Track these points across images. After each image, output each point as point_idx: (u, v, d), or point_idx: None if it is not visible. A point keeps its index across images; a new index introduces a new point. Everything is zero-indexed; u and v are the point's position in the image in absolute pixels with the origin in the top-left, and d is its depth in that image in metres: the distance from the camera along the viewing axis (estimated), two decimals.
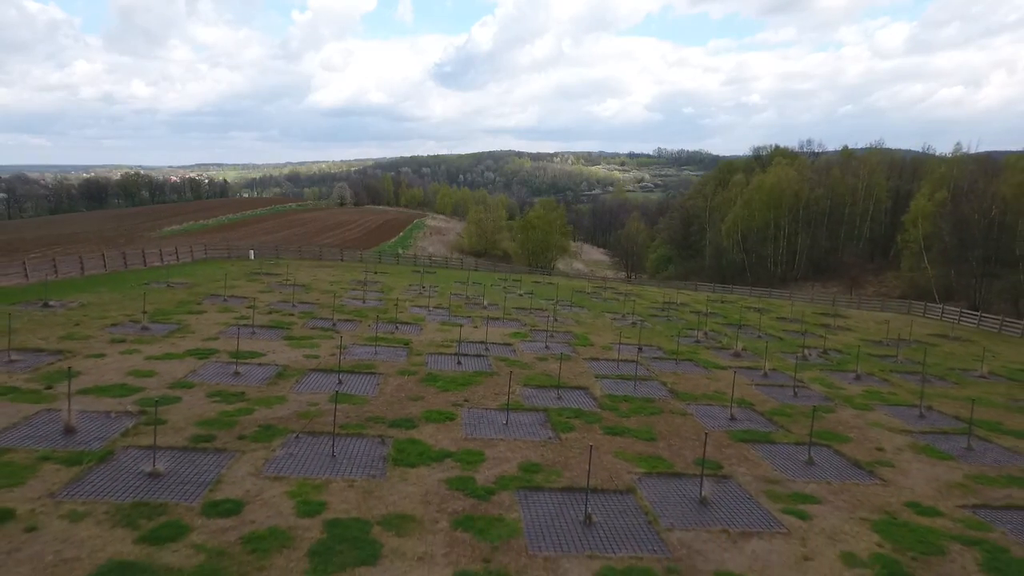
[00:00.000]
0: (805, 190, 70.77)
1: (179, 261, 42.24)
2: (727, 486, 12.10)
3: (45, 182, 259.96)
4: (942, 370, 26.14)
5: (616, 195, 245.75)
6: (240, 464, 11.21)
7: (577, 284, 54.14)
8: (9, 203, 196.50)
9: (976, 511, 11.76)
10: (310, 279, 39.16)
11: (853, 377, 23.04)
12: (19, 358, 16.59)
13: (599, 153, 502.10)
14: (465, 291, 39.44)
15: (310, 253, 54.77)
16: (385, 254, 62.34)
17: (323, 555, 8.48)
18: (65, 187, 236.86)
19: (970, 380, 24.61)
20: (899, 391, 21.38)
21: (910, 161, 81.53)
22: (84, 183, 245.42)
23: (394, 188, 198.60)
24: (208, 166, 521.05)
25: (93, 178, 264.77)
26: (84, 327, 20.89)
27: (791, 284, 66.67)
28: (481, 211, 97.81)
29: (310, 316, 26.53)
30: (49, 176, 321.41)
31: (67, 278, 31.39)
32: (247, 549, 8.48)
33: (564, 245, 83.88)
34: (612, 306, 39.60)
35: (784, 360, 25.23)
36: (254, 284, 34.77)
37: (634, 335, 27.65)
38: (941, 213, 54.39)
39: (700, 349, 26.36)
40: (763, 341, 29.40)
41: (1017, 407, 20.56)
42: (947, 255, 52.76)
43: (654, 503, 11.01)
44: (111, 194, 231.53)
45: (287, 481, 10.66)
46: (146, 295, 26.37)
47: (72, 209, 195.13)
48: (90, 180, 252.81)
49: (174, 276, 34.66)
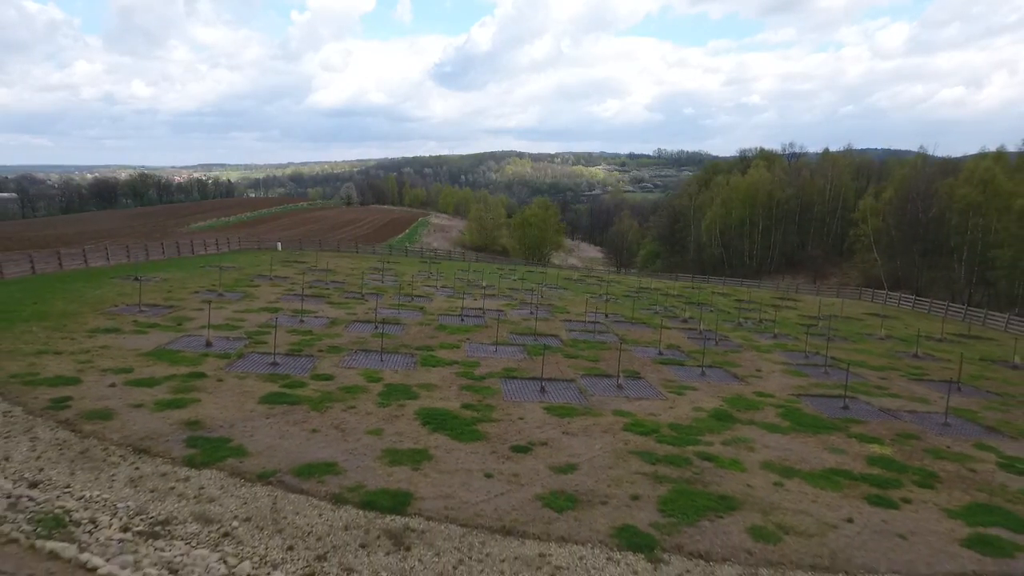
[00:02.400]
0: (778, 190, 77.33)
1: (219, 251, 48.71)
2: (638, 382, 18.46)
3: (52, 182, 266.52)
4: (850, 334, 32.50)
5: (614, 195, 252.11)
6: (323, 361, 17.61)
7: (564, 273, 60.59)
8: (23, 203, 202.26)
9: (798, 396, 18.11)
10: (334, 266, 45.62)
11: (771, 336, 29.40)
12: (147, 309, 23.03)
13: (600, 154, 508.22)
14: (467, 277, 45.87)
15: (328, 246, 61.23)
16: (395, 248, 68.79)
17: (385, 395, 14.85)
18: (75, 187, 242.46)
19: (869, 340, 30.95)
20: (801, 344, 27.70)
21: (878, 164, 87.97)
22: (94, 183, 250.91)
23: (398, 188, 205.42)
24: (211, 166, 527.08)
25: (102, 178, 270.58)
26: (175, 293, 27.34)
27: (764, 276, 73.02)
28: (482, 209, 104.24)
29: (342, 290, 32.96)
30: (55, 176, 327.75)
31: (138, 262, 37.84)
32: (343, 392, 14.86)
33: (558, 241, 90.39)
34: (593, 288, 46.00)
35: (722, 326, 31.58)
36: (289, 268, 41.23)
37: (604, 307, 34.05)
38: (888, 211, 60.70)
39: (655, 317, 32.72)
40: (712, 314, 35.78)
41: (888, 354, 26.92)
42: (893, 248, 59.14)
43: (586, 387, 17.36)
44: (120, 194, 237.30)
45: (356, 369, 17.06)
46: (208, 274, 32.81)
47: (83, 209, 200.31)
48: (99, 180, 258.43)
49: (223, 262, 41.14)
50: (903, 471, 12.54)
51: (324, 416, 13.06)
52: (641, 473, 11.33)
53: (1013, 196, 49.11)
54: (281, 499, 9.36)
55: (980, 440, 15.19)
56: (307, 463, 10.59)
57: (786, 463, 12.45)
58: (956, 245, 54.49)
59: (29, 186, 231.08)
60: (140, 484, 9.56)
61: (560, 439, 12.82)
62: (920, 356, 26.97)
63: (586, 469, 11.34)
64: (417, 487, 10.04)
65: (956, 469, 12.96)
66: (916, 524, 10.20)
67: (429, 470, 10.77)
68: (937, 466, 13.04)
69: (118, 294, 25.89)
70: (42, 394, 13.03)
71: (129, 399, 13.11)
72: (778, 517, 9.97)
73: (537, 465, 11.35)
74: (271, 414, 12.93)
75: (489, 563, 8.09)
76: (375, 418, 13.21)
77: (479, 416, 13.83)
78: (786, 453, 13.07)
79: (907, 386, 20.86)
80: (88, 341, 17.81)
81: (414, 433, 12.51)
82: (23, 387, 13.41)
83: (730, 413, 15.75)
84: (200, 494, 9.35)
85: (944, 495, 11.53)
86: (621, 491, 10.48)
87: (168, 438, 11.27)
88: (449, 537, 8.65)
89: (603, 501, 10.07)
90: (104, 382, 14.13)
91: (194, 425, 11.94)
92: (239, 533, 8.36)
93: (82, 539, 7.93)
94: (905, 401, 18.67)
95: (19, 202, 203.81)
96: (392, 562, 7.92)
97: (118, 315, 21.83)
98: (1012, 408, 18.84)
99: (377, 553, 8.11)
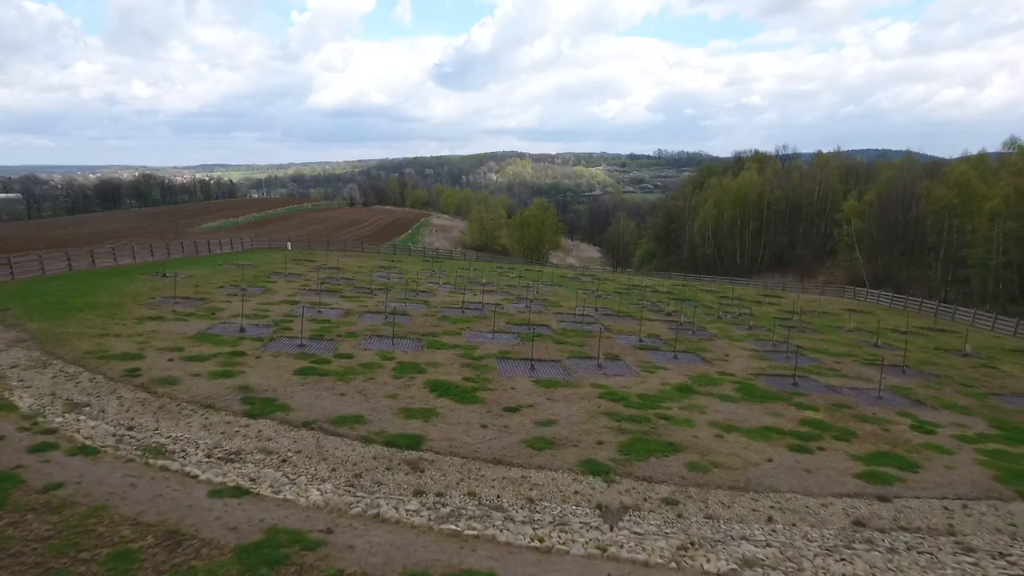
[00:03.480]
0: (768, 192, 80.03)
1: (233, 250, 51.43)
2: (617, 363, 21.12)
3: (55, 182, 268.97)
4: (821, 326, 35.14)
5: (614, 196, 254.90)
6: (343, 344, 20.30)
7: (560, 271, 63.26)
8: (28, 204, 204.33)
9: (755, 376, 20.77)
10: (342, 264, 48.31)
11: (746, 328, 32.04)
12: (181, 301, 25.74)
13: (600, 154, 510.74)
14: (468, 274, 48.55)
15: (335, 246, 63.93)
16: (398, 248, 71.48)
17: (398, 370, 17.52)
18: (80, 188, 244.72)
19: (837, 332, 33.59)
20: (772, 335, 30.35)
21: (866, 165, 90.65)
22: (98, 184, 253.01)
23: (400, 189, 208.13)
24: (212, 167, 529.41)
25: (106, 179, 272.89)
26: (203, 288, 30.05)
27: (755, 274, 75.63)
28: (482, 210, 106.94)
29: (352, 286, 35.65)
30: (57, 176, 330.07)
31: (161, 260, 40.56)
32: (362, 367, 17.54)
33: (556, 241, 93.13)
34: (586, 286, 48.67)
35: (703, 319, 34.23)
36: (301, 266, 43.94)
37: (595, 302, 36.71)
38: (871, 212, 63.39)
39: (641, 311, 35.39)
40: (696, 308, 38.43)
41: (850, 344, 29.55)
42: (875, 248, 61.82)
43: (570, 366, 20.02)
44: (123, 194, 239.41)
45: (372, 350, 19.73)
46: (228, 271, 35.50)
47: (88, 209, 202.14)
48: (104, 181, 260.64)
49: (239, 260, 43.86)
50: (827, 429, 15.20)
51: (348, 384, 15.75)
52: (607, 427, 14.00)
53: (985, 198, 51.72)
54: (322, 439, 12.06)
55: (904, 409, 17.84)
56: (339, 416, 13.28)
57: (730, 422, 15.12)
58: (933, 245, 57.14)
59: (33, 186, 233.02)
60: (212, 428, 12.27)
61: (544, 403, 15.50)
62: (879, 346, 29.61)
63: (563, 423, 14.02)
64: (427, 433, 12.73)
65: (873, 429, 15.62)
66: (823, 463, 12.87)
67: (437, 422, 13.46)
68: (857, 427, 15.69)
69: (152, 288, 28.60)
70: (116, 366, 15.74)
71: (187, 370, 15.82)
72: (712, 457, 12.65)
73: (524, 420, 14.03)
74: (305, 383, 15.63)
75: (483, 481, 10.78)
76: (391, 386, 15.90)
77: (477, 386, 16.51)
78: (731, 415, 15.74)
79: (858, 369, 23.50)
80: (139, 327, 20.51)
81: (423, 397, 15.19)
82: (98, 360, 16.13)
83: (692, 387, 18.43)
84: (260, 435, 12.06)
85: (855, 446, 14.19)
86: (589, 438, 13.16)
87: (226, 398, 13.97)
88: (452, 464, 11.34)
89: (574, 444, 12.76)
90: (163, 357, 16.85)
91: (244, 389, 14.64)
92: (294, 460, 11.07)
93: (179, 460, 10.66)
94: (851, 380, 21.31)
95: (25, 202, 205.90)
96: (410, 479, 10.61)
97: (158, 306, 24.55)
98: (944, 387, 21.50)
99: (398, 473, 10.81)
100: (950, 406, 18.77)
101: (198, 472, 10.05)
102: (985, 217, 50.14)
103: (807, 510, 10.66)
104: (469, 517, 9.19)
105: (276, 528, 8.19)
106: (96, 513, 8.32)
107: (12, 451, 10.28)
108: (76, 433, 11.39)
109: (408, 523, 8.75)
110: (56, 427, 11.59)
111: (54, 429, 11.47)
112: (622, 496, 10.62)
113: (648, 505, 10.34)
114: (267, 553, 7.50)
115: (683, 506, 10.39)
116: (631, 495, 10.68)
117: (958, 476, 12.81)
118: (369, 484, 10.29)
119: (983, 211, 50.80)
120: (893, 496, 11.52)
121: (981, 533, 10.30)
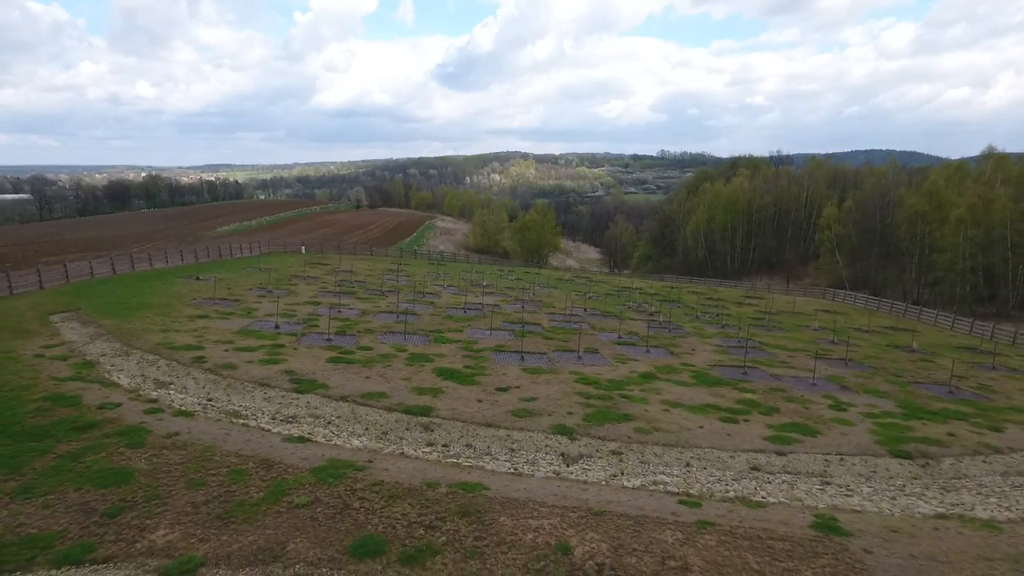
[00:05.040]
0: (757, 198, 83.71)
1: (252, 254, 55.33)
2: (595, 355, 24.82)
3: (63, 183, 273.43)
4: (790, 325, 38.76)
5: (615, 197, 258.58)
6: (363, 339, 24.07)
7: (557, 274, 66.98)
8: (40, 205, 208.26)
9: (712, 366, 24.44)
10: (353, 268, 52.14)
11: (720, 327, 35.70)
12: (219, 302, 29.56)
13: (604, 155, 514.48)
14: (470, 277, 52.32)
15: (346, 249, 67.78)
16: (404, 250, 75.29)
17: (410, 359, 21.28)
18: (90, 189, 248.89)
19: (802, 331, 37.20)
20: (740, 333, 33.98)
21: (853, 171, 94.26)
22: (108, 185, 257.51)
23: (404, 191, 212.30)
24: (217, 167, 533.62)
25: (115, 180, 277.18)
26: (235, 290, 33.88)
27: (744, 277, 79.24)
28: (485, 214, 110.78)
29: (365, 288, 39.45)
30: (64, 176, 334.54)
31: (190, 264, 44.44)
32: (381, 357, 21.30)
33: (555, 243, 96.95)
34: (580, 288, 52.37)
35: (682, 318, 37.89)
36: (316, 269, 47.78)
37: (585, 303, 40.40)
38: (850, 218, 66.99)
39: (627, 311, 39.07)
40: (679, 309, 42.09)
41: (809, 341, 33.17)
42: (854, 252, 65.44)
43: (555, 357, 23.73)
44: (132, 195, 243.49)
45: (388, 344, 23.50)
46: (252, 275, 39.32)
47: (98, 211, 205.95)
48: (113, 183, 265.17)
49: (261, 263, 47.73)
50: (757, 407, 18.87)
51: (371, 370, 19.52)
52: (578, 403, 17.71)
53: (952, 207, 55.20)
54: (356, 408, 15.82)
55: (830, 393, 21.48)
56: (367, 392, 17.04)
57: (678, 401, 18.81)
58: (907, 249, 60.69)
59: (42, 187, 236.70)
60: (271, 400, 16.05)
61: (529, 385, 19.23)
62: (836, 342, 33.21)
63: (542, 400, 17.74)
64: (435, 405, 16.48)
65: (795, 407, 19.28)
66: (743, 430, 16.56)
67: (443, 398, 17.20)
68: (783, 405, 19.36)
69: (191, 291, 32.46)
70: (184, 355, 19.55)
71: (241, 358, 19.61)
72: (655, 424, 16.35)
73: (511, 397, 17.77)
74: (336, 368, 19.40)
75: (478, 437, 14.51)
76: (405, 372, 19.66)
77: (476, 372, 20.25)
78: (681, 396, 19.43)
79: (807, 362, 27.08)
80: (191, 324, 24.34)
81: (432, 380, 18.94)
82: (169, 350, 19.94)
83: (655, 375, 22.13)
84: (308, 405, 15.83)
85: (775, 419, 17.85)
86: (561, 410, 16.88)
87: (277, 379, 17.76)
88: (455, 427, 15.08)
89: (549, 414, 16.48)
90: (220, 348, 20.65)
91: (290, 372, 18.42)
92: (336, 422, 14.82)
93: (253, 421, 14.43)
94: (796, 371, 24.95)
95: (36, 204, 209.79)
96: (423, 435, 14.35)
97: (200, 306, 28.39)
98: (876, 376, 25.12)
99: (415, 431, 14.55)
100: (872, 391, 22.39)
101: (270, 427, 13.84)
102: (952, 224, 53.67)
103: (719, 459, 14.35)
104: (467, 457, 12.93)
105: (334, 459, 11.95)
106: (209, 450, 12.10)
107: (134, 413, 14.07)
108: (171, 403, 15.18)
109: (424, 458, 12.51)
110: (155, 398, 15.40)
111: (155, 399, 15.27)
112: (580, 449, 14.34)
113: (599, 455, 14.05)
114: (331, 471, 11.26)
115: (624, 455, 14.10)
116: (587, 448, 14.40)
117: (848, 440, 16.47)
118: (393, 438, 14.04)
119: (950, 219, 54.30)
120: (788, 452, 15.20)
121: (844, 476, 13.98)
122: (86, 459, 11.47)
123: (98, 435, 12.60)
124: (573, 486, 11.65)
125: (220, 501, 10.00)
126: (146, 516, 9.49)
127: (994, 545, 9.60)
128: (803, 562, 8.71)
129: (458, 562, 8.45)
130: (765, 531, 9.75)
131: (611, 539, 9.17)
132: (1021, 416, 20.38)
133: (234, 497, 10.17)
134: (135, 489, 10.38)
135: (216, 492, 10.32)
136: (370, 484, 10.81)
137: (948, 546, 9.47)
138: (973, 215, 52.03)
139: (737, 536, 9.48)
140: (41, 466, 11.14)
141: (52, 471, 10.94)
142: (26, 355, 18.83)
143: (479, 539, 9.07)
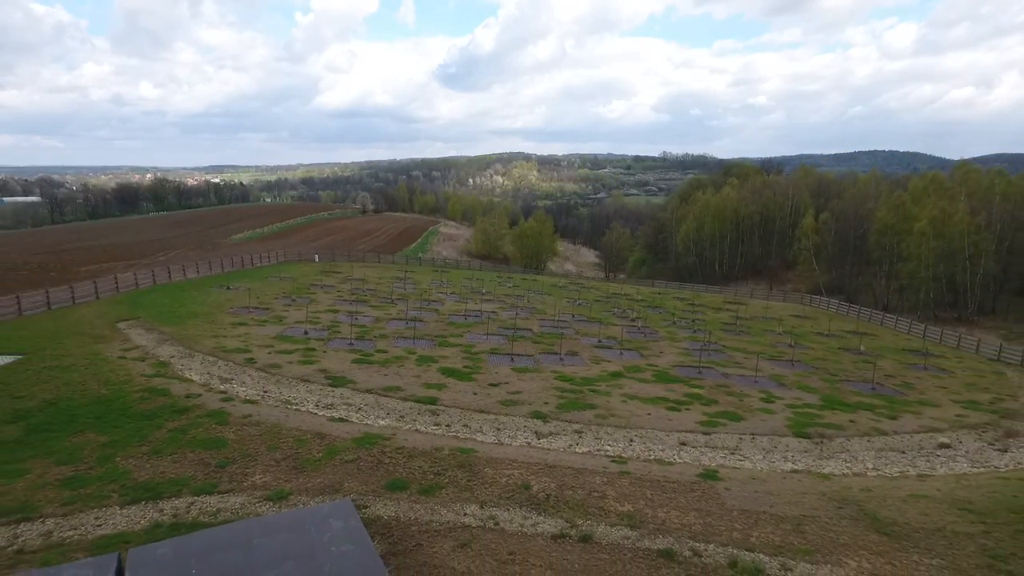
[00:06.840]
0: (743, 207, 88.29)
1: (270, 263, 60.01)
2: (575, 357, 29.32)
3: (69, 184, 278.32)
4: (756, 330, 43.21)
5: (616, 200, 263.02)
6: (379, 343, 28.64)
7: (553, 280, 71.55)
8: (52, 208, 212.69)
9: (674, 366, 28.92)
10: (364, 275, 56.77)
11: (691, 331, 40.17)
12: (253, 310, 34.17)
13: (606, 156, 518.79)
14: (471, 284, 56.88)
15: (355, 256, 72.43)
16: (409, 257, 79.93)
17: (419, 360, 25.83)
18: (99, 192, 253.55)
19: (766, 335, 41.64)
20: (708, 337, 38.41)
21: (837, 181, 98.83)
22: (117, 188, 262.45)
23: (408, 195, 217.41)
24: (222, 167, 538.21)
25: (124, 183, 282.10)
26: (263, 299, 38.50)
27: (732, 282, 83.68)
28: (487, 221, 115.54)
29: (376, 296, 44.05)
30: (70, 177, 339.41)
31: (216, 274, 49.09)
32: (395, 358, 25.86)
33: (553, 250, 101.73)
34: (572, 294, 56.91)
35: (660, 324, 42.37)
36: (330, 278, 52.42)
37: (574, 309, 44.92)
38: (827, 228, 71.45)
39: (610, 317, 43.56)
40: (659, 314, 46.58)
41: (768, 344, 37.62)
42: (831, 260, 69.94)
43: (540, 359, 28.24)
44: (141, 198, 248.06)
45: (400, 347, 28.05)
46: (274, 284, 43.89)
47: (108, 214, 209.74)
48: (122, 185, 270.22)
49: (280, 272, 52.40)
50: (699, 399, 23.35)
51: (388, 369, 24.07)
52: (553, 395, 22.22)
53: (915, 220, 59.53)
54: (379, 399, 20.39)
55: (766, 389, 25.95)
56: (386, 386, 21.60)
57: (635, 395, 23.30)
58: (877, 258, 65.10)
59: (50, 189, 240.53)
60: (312, 392, 20.62)
61: (516, 381, 23.76)
62: (792, 345, 37.66)
63: (525, 393, 22.27)
64: (440, 396, 21.02)
65: (733, 400, 23.75)
66: (682, 416, 21.05)
67: (446, 391, 21.73)
68: (722, 398, 23.83)
69: (226, 300, 37.09)
70: (236, 356, 24.15)
71: (283, 359, 24.20)
72: (613, 412, 20.85)
73: (500, 391, 22.29)
74: (360, 367, 23.97)
75: (472, 420, 19.03)
76: (416, 370, 24.21)
77: (473, 371, 24.79)
78: (639, 391, 23.93)
79: (759, 363, 31.56)
80: (234, 330, 28.94)
81: (437, 377, 23.49)
82: (224, 353, 24.55)
83: (622, 373, 26.64)
84: (341, 396, 20.40)
85: (712, 408, 22.33)
86: (539, 400, 21.40)
87: (314, 376, 22.33)
88: (455, 412, 19.61)
89: (529, 403, 21.00)
90: (264, 351, 25.25)
91: (324, 371, 23.00)
92: (365, 408, 19.38)
93: (303, 407, 19.00)
94: (745, 371, 29.40)
95: (48, 207, 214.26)
96: (431, 418, 18.88)
97: (238, 314, 33.01)
98: (813, 376, 29.56)
99: (424, 415, 19.10)
100: (803, 387, 26.84)
101: (316, 412, 18.42)
102: (916, 236, 58.00)
103: (655, 437, 18.85)
104: (464, 434, 17.48)
105: (368, 432, 16.51)
106: (276, 426, 16.67)
107: (213, 401, 18.66)
108: (237, 394, 19.76)
109: (432, 433, 17.07)
110: (224, 391, 19.98)
111: (224, 391, 19.86)
112: (550, 428, 18.87)
113: (564, 432, 18.57)
114: (366, 440, 15.82)
115: (583, 433, 18.61)
116: (556, 428, 18.93)
117: (765, 424, 20.94)
118: (409, 420, 18.58)
119: (914, 231, 58.63)
120: (712, 432, 19.70)
121: (750, 449, 18.46)
122: (190, 432, 16.04)
123: (193, 416, 17.18)
124: (539, 451, 16.18)
125: (293, 458, 14.57)
126: (245, 467, 14.05)
127: (816, 486, 14.10)
128: (681, 494, 13.23)
129: (456, 493, 12.99)
130: (664, 478, 14.27)
131: (558, 481, 13.70)
132: (921, 408, 24.81)
133: (302, 456, 14.73)
134: (231, 451, 14.94)
135: (289, 453, 14.89)
136: (395, 448, 15.37)
137: (785, 487, 13.97)
138: (934, 227, 56.41)
139: (644, 480, 14.01)
140: (160, 437, 15.71)
141: (169, 440, 15.51)
142: (112, 356, 23.45)
143: (471, 480, 13.62)
